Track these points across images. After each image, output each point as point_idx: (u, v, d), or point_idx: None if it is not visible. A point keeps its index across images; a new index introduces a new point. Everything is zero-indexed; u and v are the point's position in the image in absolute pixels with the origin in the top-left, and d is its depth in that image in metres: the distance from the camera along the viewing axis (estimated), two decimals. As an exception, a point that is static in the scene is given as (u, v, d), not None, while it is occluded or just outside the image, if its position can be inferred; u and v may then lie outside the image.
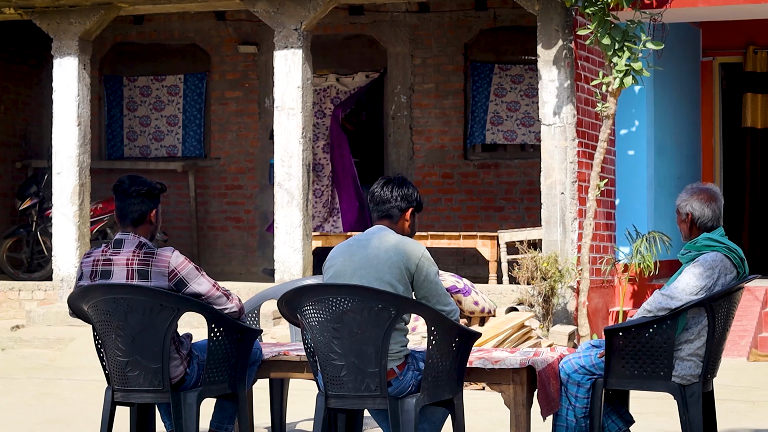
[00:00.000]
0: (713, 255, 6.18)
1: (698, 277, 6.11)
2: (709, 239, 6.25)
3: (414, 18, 15.40)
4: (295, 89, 12.45)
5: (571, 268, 11.56)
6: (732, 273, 6.19)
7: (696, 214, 6.30)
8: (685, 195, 6.34)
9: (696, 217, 6.30)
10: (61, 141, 13.04)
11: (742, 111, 15.43)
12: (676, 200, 6.39)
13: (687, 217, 6.32)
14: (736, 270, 6.21)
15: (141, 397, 6.00)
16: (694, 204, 6.30)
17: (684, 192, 6.37)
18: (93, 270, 6.02)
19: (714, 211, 6.29)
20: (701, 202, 6.29)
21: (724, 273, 6.16)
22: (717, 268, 6.14)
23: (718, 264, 6.15)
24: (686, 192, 6.36)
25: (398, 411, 5.62)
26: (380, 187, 5.95)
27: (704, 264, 6.14)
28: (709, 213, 6.29)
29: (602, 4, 11.26)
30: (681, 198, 6.35)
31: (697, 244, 6.26)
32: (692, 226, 6.32)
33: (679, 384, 6.15)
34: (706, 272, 6.11)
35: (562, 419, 6.29)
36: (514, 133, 15.17)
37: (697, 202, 6.29)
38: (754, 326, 11.90)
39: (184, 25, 16.14)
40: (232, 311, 6.06)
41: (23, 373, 10.81)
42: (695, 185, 6.41)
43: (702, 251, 6.22)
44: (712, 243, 6.23)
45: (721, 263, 6.17)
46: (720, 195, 6.37)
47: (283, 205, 12.43)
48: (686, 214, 6.32)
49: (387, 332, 5.56)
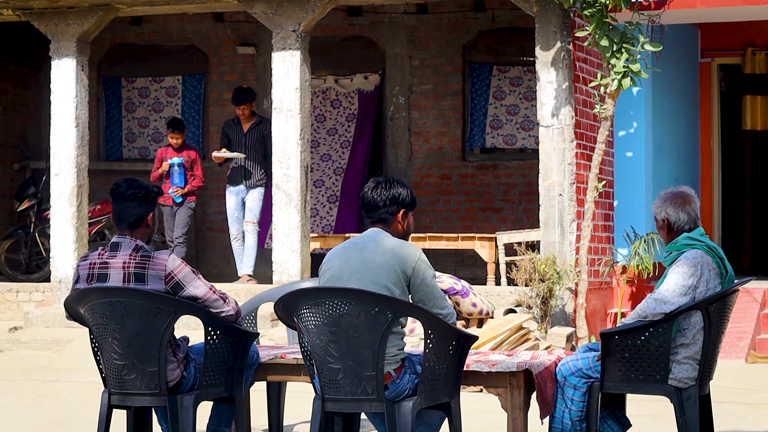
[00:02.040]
0: (694, 252, 6.21)
1: (684, 276, 6.13)
2: (689, 238, 6.29)
3: (412, 19, 15.40)
4: (294, 90, 12.44)
5: (570, 270, 11.56)
6: (714, 269, 6.21)
7: (672, 219, 6.33)
8: (659, 201, 6.39)
9: (672, 222, 6.33)
10: (59, 142, 13.04)
11: (742, 114, 15.44)
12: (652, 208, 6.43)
13: (663, 223, 6.36)
14: (717, 268, 6.23)
15: (138, 400, 6.00)
16: (668, 209, 6.33)
17: (658, 199, 6.41)
18: (89, 273, 6.02)
19: (689, 213, 6.32)
20: (675, 206, 6.32)
21: (708, 268, 6.20)
22: (699, 264, 6.16)
23: (700, 260, 6.18)
24: (660, 198, 6.40)
25: (395, 414, 5.62)
26: (370, 191, 5.92)
27: (687, 262, 6.16)
28: (685, 216, 6.32)
29: (600, 5, 11.26)
30: (655, 205, 6.39)
31: (678, 244, 6.30)
32: (670, 231, 6.36)
33: (676, 387, 6.15)
34: (690, 270, 6.14)
35: (557, 421, 6.29)
36: (514, 137, 15.17)
37: (672, 207, 6.32)
38: (752, 328, 11.90)
39: (183, 26, 16.14)
40: (229, 314, 6.06)
41: (21, 375, 10.80)
42: (668, 190, 6.45)
43: (683, 250, 6.24)
44: (692, 241, 6.28)
45: (702, 259, 6.19)
46: (694, 197, 6.40)
47: (281, 206, 12.43)
48: (662, 220, 6.36)
49: (384, 336, 5.56)
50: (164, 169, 13.82)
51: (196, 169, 14.00)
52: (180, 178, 13.84)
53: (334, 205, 15.46)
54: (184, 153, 13.94)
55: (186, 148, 14.04)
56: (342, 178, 15.51)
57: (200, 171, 14.11)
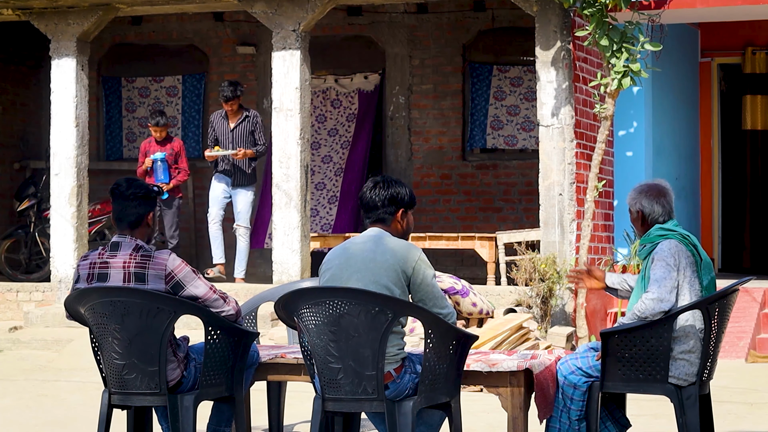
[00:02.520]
0: (667, 243, 6.26)
1: (667, 269, 6.16)
2: (661, 229, 6.35)
3: (412, 19, 15.40)
4: (294, 90, 12.44)
5: (570, 270, 11.54)
6: (689, 257, 6.25)
7: (646, 211, 6.40)
8: (633, 194, 6.46)
9: (646, 213, 6.40)
10: (59, 142, 13.04)
11: (742, 113, 15.44)
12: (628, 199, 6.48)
13: (638, 215, 6.44)
14: (692, 256, 6.25)
15: (138, 400, 6.00)
16: (643, 201, 6.41)
17: (633, 191, 6.48)
18: (90, 273, 6.02)
19: (663, 206, 6.40)
20: (650, 198, 6.40)
21: (683, 257, 6.23)
22: (675, 254, 6.22)
23: (674, 249, 6.23)
24: (635, 190, 6.47)
25: (395, 414, 5.62)
26: (368, 191, 5.91)
27: (663, 256, 6.20)
28: (659, 208, 6.39)
29: (600, 5, 11.26)
30: (630, 197, 6.46)
31: (651, 236, 6.37)
32: (644, 223, 6.43)
33: (676, 385, 6.15)
34: (669, 260, 6.20)
35: (555, 421, 6.29)
36: (514, 138, 15.17)
37: (646, 199, 6.40)
38: (752, 327, 11.90)
39: (183, 26, 16.14)
40: (229, 314, 6.06)
41: (21, 375, 10.80)
42: (643, 183, 6.53)
43: (657, 241, 6.27)
44: (664, 232, 6.34)
45: (677, 248, 6.24)
46: (669, 189, 6.48)
47: (281, 206, 12.43)
48: (637, 212, 6.44)
49: (384, 335, 5.56)
50: (147, 165, 13.55)
51: (180, 162, 13.73)
52: (164, 174, 13.54)
53: (333, 206, 15.46)
54: (168, 146, 13.70)
55: (169, 140, 13.80)
56: (341, 178, 15.52)
57: (185, 163, 13.82)
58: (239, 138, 13.28)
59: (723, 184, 15.51)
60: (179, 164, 13.67)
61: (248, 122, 13.28)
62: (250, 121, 13.28)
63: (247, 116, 13.29)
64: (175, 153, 13.69)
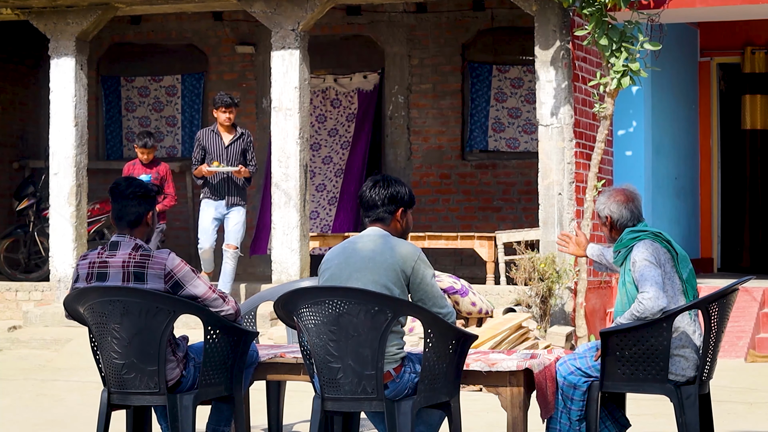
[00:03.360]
0: (642, 244, 6.28)
1: (652, 267, 6.17)
2: (632, 231, 6.38)
3: (411, 18, 15.40)
4: (293, 90, 12.44)
5: (569, 269, 11.56)
6: (666, 254, 6.27)
7: (615, 217, 6.44)
8: (602, 198, 6.50)
9: (615, 219, 6.44)
10: (58, 141, 13.04)
11: (741, 113, 15.44)
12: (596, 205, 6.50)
13: (607, 220, 6.48)
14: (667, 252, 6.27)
15: (137, 399, 5.99)
16: (612, 207, 6.45)
17: (601, 196, 6.53)
18: (89, 272, 6.01)
19: (632, 210, 6.43)
20: (618, 203, 6.43)
21: (661, 253, 6.25)
22: (653, 252, 6.23)
23: (651, 248, 6.25)
24: (603, 195, 6.52)
25: (395, 413, 5.61)
26: (368, 190, 5.90)
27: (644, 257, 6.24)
28: (627, 213, 6.42)
29: (600, 4, 11.25)
30: (599, 202, 6.50)
31: (623, 240, 6.39)
32: (612, 228, 6.47)
33: (675, 384, 6.15)
34: (650, 259, 6.20)
35: (555, 422, 6.29)
36: (516, 141, 15.16)
37: (615, 204, 6.44)
38: (751, 327, 11.90)
39: (182, 25, 16.14)
40: (229, 313, 6.05)
41: (20, 374, 10.80)
42: (611, 188, 6.60)
43: (630, 245, 6.29)
44: (636, 234, 6.35)
45: (652, 246, 6.26)
46: (637, 194, 6.51)
47: (280, 205, 12.43)
48: (605, 218, 6.48)
49: (383, 335, 5.55)
50: None
51: (167, 187, 12.77)
52: None
53: (333, 207, 15.45)
54: (153, 170, 12.73)
55: (155, 164, 12.84)
56: (341, 179, 15.51)
57: (172, 188, 12.92)
58: (233, 156, 12.34)
59: (722, 184, 15.51)
60: (166, 189, 12.70)
61: (242, 141, 12.37)
62: (244, 139, 12.39)
63: (242, 134, 12.40)
64: (161, 177, 12.73)
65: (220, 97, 12.34)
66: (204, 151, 12.40)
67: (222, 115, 12.30)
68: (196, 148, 12.47)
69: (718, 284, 6.18)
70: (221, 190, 12.38)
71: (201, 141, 12.42)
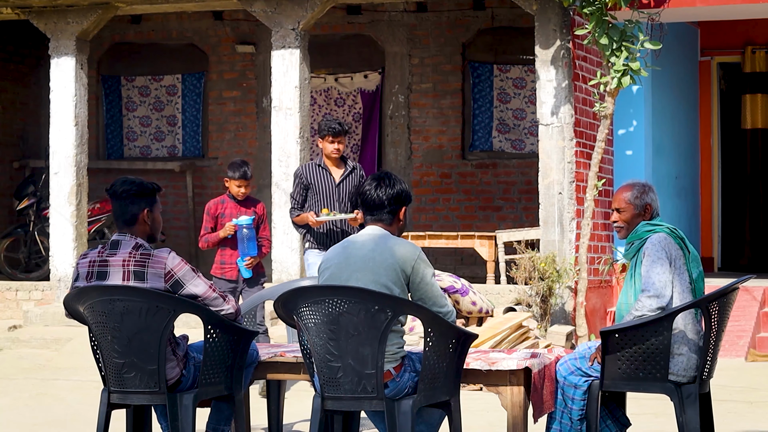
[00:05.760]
0: (656, 237, 6.29)
1: (660, 264, 6.17)
2: (648, 224, 6.39)
3: (412, 17, 15.40)
4: (293, 89, 12.44)
5: (569, 268, 11.55)
6: (678, 250, 6.29)
7: (654, 204, 6.46)
8: (634, 191, 6.48)
9: (655, 207, 6.46)
10: (58, 141, 13.04)
11: (742, 112, 15.44)
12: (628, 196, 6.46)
13: (646, 209, 6.42)
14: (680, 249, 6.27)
15: (137, 398, 5.99)
16: (651, 195, 6.46)
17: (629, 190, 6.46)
18: (89, 271, 6.01)
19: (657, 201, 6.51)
20: (652, 193, 6.48)
21: (673, 249, 6.26)
22: (665, 247, 6.26)
23: (664, 242, 6.26)
24: (633, 188, 6.48)
25: (395, 412, 5.61)
26: (373, 190, 5.89)
27: (654, 251, 6.22)
28: (658, 202, 6.50)
29: (600, 3, 11.25)
30: (631, 194, 6.44)
31: (638, 232, 6.38)
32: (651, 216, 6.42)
33: (675, 383, 6.15)
34: (661, 254, 6.21)
35: (555, 422, 6.28)
36: (522, 142, 15.15)
37: (652, 194, 6.47)
38: (752, 326, 11.90)
39: (182, 24, 16.14)
40: (229, 313, 6.05)
41: (20, 374, 10.80)
42: (634, 181, 6.57)
43: (645, 237, 6.30)
44: (651, 227, 6.36)
45: (666, 240, 6.27)
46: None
47: (280, 205, 12.42)
48: (646, 205, 6.46)
49: (383, 334, 5.55)
50: (228, 232, 9.75)
51: (263, 229, 10.01)
52: (253, 244, 9.82)
53: None
54: (251, 209, 9.95)
55: (252, 203, 10.03)
56: None
57: (269, 231, 10.25)
58: (344, 196, 9.75)
59: (723, 183, 15.51)
60: (261, 232, 9.96)
61: (354, 176, 9.79)
62: (356, 174, 9.80)
63: (354, 168, 9.82)
64: (259, 216, 9.96)
65: (327, 124, 9.65)
66: (306, 191, 9.75)
67: (329, 145, 9.63)
68: (297, 188, 9.79)
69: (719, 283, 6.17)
70: (333, 239, 9.59)
71: (304, 178, 9.73)
